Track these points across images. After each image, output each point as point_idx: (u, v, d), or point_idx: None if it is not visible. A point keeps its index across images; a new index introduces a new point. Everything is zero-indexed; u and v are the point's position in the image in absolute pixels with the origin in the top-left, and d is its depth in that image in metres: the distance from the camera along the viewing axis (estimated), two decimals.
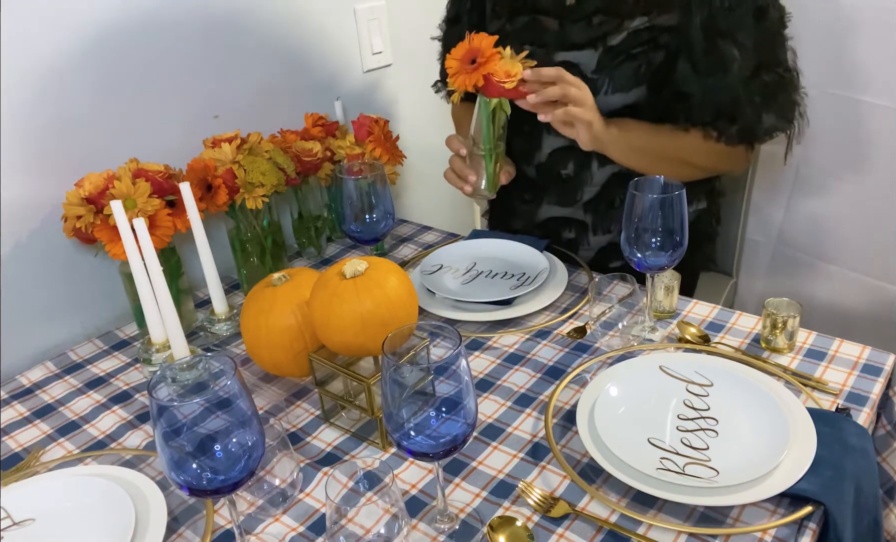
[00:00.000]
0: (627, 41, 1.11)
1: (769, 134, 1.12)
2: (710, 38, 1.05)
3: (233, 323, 1.14)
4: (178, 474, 0.64)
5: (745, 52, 1.05)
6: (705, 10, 1.04)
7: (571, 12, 1.15)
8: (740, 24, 1.04)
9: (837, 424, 0.81)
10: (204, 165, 1.14)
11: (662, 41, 1.10)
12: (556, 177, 1.26)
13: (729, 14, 1.04)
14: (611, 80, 1.13)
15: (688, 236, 0.95)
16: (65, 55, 1.08)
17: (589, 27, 1.13)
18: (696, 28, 1.05)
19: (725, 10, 1.04)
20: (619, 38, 1.11)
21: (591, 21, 1.13)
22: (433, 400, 0.68)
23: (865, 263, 1.38)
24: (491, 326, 1.10)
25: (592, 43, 1.13)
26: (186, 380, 0.70)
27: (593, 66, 1.13)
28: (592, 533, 0.74)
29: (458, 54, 1.08)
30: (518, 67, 1.03)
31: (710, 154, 1.14)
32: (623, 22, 1.11)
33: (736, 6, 1.04)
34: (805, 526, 0.73)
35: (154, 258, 0.94)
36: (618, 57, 1.12)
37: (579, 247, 1.30)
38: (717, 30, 1.05)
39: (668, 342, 1.02)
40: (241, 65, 1.33)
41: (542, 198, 1.30)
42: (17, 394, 1.04)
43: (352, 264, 0.87)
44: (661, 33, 1.09)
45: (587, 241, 1.30)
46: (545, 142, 1.25)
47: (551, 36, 1.17)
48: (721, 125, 1.10)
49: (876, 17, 1.22)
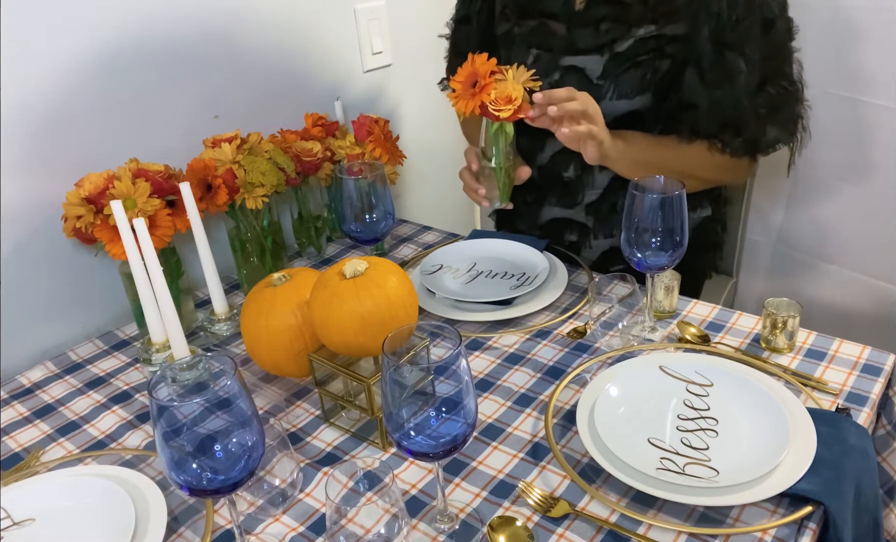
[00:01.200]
0: (634, 48, 1.11)
1: (772, 146, 1.13)
2: (718, 50, 1.05)
3: (233, 323, 1.14)
4: (178, 474, 0.64)
5: (752, 65, 1.05)
6: (713, 22, 1.04)
7: (579, 17, 1.15)
8: (748, 36, 1.05)
9: (837, 424, 0.81)
10: (204, 165, 1.14)
11: (669, 51, 1.10)
12: (557, 179, 1.26)
13: (737, 26, 1.04)
14: (616, 87, 1.13)
15: (689, 240, 0.95)
16: (65, 55, 1.08)
17: (596, 33, 1.13)
18: (704, 39, 1.05)
19: (733, 23, 1.04)
20: (626, 45, 1.11)
21: (599, 27, 1.13)
22: (433, 400, 0.68)
23: (865, 263, 1.38)
24: (491, 326, 1.10)
25: (599, 49, 1.14)
26: (186, 380, 0.70)
27: (599, 71, 1.14)
28: (592, 533, 0.74)
29: (461, 77, 1.07)
30: (519, 91, 1.02)
31: (713, 166, 1.14)
32: (630, 29, 1.11)
33: (744, 18, 1.04)
34: (805, 526, 0.73)
35: (154, 258, 0.94)
36: (624, 63, 1.12)
37: (581, 249, 1.30)
38: (724, 42, 1.05)
39: (668, 342, 1.02)
40: (241, 65, 1.33)
41: (544, 199, 1.30)
42: (17, 394, 1.04)
43: (352, 264, 0.87)
44: (669, 43, 1.10)
45: (589, 244, 1.30)
46: (547, 144, 1.25)
47: (558, 40, 1.17)
48: (726, 137, 1.10)
49: (876, 17, 1.22)
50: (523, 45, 1.21)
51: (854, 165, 1.34)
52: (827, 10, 1.27)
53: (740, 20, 1.04)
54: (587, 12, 1.14)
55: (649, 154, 1.13)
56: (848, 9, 1.25)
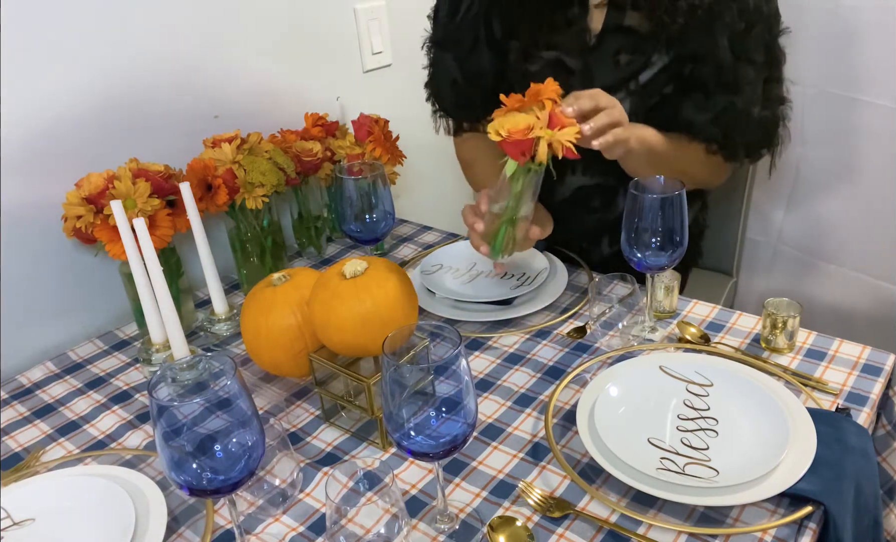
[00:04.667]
0: (657, 80, 1.09)
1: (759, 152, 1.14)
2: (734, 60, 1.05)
3: (233, 323, 1.14)
4: (178, 474, 0.64)
5: (759, 72, 1.06)
6: (727, 31, 1.04)
7: (594, 52, 1.11)
8: (756, 43, 1.05)
9: (837, 424, 0.81)
10: (204, 165, 1.14)
11: (686, 72, 1.08)
12: (581, 212, 1.25)
13: (746, 35, 1.04)
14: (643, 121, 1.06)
15: (688, 236, 0.95)
16: (65, 55, 1.08)
17: (616, 67, 1.10)
18: (724, 49, 1.04)
19: (743, 33, 1.04)
20: (648, 77, 1.09)
21: (618, 60, 1.09)
22: (433, 400, 0.68)
23: (865, 263, 1.38)
24: (491, 326, 1.10)
25: (623, 83, 1.10)
26: (186, 380, 0.70)
27: (627, 109, 1.02)
28: (592, 533, 0.74)
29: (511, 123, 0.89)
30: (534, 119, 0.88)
31: (706, 166, 1.14)
32: (649, 59, 1.08)
33: (752, 26, 1.04)
34: (805, 526, 0.73)
35: (154, 258, 0.94)
36: (650, 98, 1.10)
37: (591, 256, 1.29)
38: (736, 52, 1.04)
39: (668, 342, 1.02)
40: (241, 65, 1.33)
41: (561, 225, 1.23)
42: (17, 394, 1.04)
43: (352, 264, 0.87)
44: (686, 64, 1.08)
45: (600, 251, 1.30)
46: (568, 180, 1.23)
47: (576, 78, 1.12)
48: (727, 142, 1.10)
49: (875, 17, 1.22)
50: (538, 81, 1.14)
51: (854, 164, 1.34)
52: (826, 10, 1.27)
53: (750, 29, 1.04)
54: (601, 46, 1.11)
55: (660, 150, 1.10)
56: (847, 8, 1.25)
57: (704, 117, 1.08)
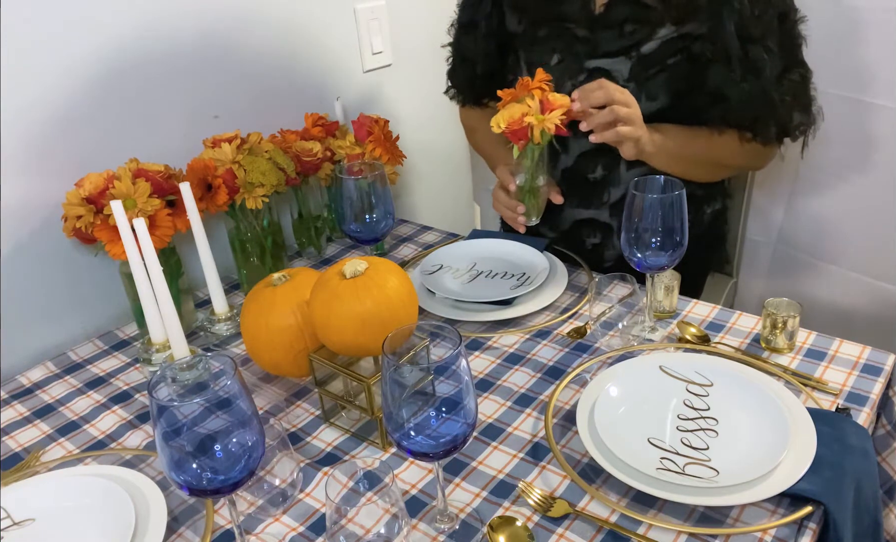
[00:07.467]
0: (660, 51, 1.11)
1: (799, 130, 1.15)
2: (743, 45, 1.06)
3: (233, 323, 1.14)
4: (178, 474, 0.64)
5: (774, 56, 1.07)
6: (735, 17, 1.06)
7: (601, 21, 1.15)
8: (768, 28, 1.06)
9: (837, 424, 0.81)
10: (204, 165, 1.14)
11: (695, 50, 1.10)
12: (582, 180, 1.25)
13: (758, 20, 1.05)
14: (643, 89, 1.13)
15: (703, 234, 0.95)
16: (65, 55, 1.08)
17: (621, 36, 1.13)
18: (730, 35, 1.06)
19: (755, 18, 1.05)
20: (652, 47, 1.12)
21: (623, 29, 1.13)
22: (433, 400, 0.68)
23: (865, 263, 1.38)
24: (491, 326, 1.10)
25: (625, 51, 1.13)
26: (186, 380, 0.70)
27: (626, 74, 1.14)
28: (592, 533, 0.74)
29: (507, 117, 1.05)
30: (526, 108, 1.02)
31: (743, 154, 1.16)
32: (654, 30, 1.11)
33: (763, 12, 1.05)
34: (805, 526, 0.73)
35: (154, 258, 0.94)
36: (651, 67, 1.12)
37: (605, 250, 1.30)
38: (748, 36, 1.06)
39: (668, 342, 1.02)
40: (241, 65, 1.33)
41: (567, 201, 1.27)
42: (17, 394, 1.04)
43: (352, 264, 0.87)
44: (693, 42, 1.10)
45: (612, 244, 1.30)
46: (571, 146, 1.24)
47: (582, 43, 1.17)
48: (758, 127, 1.11)
49: (877, 17, 1.22)
50: (545, 46, 1.20)
51: (854, 164, 1.34)
52: (828, 10, 1.26)
53: (760, 15, 1.05)
54: (608, 15, 1.14)
55: (685, 147, 1.14)
56: (849, 8, 1.25)
57: (732, 101, 1.09)
